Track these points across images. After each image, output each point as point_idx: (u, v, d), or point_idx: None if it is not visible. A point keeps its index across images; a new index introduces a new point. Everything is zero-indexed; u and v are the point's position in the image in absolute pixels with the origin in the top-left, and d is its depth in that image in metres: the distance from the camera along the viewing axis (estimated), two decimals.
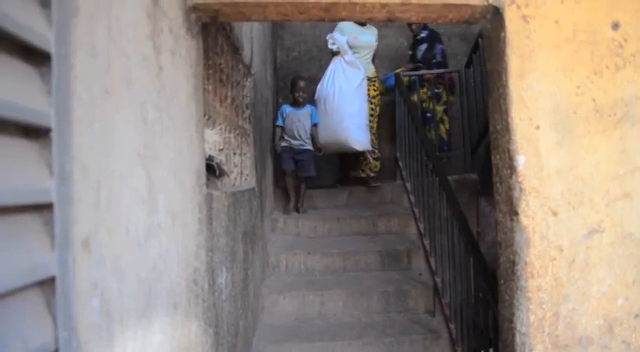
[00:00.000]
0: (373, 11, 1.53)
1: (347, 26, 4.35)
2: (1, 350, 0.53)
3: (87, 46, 0.76)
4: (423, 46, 4.86)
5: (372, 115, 4.51)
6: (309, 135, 4.32)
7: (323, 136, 4.26)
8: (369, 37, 4.53)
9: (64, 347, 0.65)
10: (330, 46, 4.31)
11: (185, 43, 1.35)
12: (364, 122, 4.28)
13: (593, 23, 1.49)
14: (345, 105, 4.18)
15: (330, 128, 4.22)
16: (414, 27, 4.87)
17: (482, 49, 3.40)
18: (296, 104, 4.32)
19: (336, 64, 4.30)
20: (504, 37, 1.49)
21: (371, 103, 4.50)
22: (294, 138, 4.26)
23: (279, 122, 4.28)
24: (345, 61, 4.26)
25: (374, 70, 4.66)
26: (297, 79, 4.41)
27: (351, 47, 4.29)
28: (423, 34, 4.88)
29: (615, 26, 1.49)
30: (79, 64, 0.73)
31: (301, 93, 4.28)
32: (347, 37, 4.30)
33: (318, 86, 4.41)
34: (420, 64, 4.81)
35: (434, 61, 4.81)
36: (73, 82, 0.71)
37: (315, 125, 4.33)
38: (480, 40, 3.98)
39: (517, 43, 1.48)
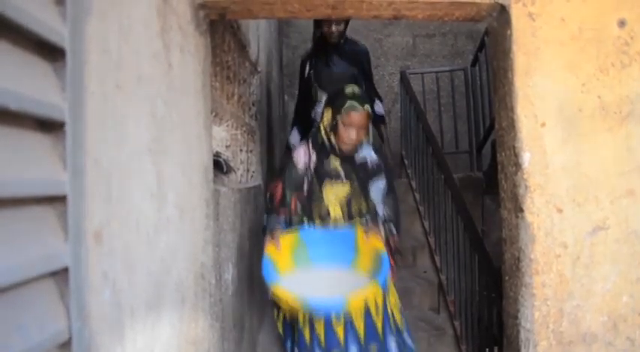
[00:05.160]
0: (380, 9, 1.54)
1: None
2: (20, 336, 0.55)
3: (100, 43, 0.78)
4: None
5: None
6: None
7: None
8: None
9: (77, 337, 0.67)
10: None
11: (193, 40, 1.36)
12: None
13: (600, 21, 1.50)
14: None
15: None
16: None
17: (488, 48, 3.40)
18: None
19: None
20: (510, 35, 1.49)
21: None
22: None
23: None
24: None
25: None
26: None
27: None
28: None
29: (621, 24, 1.50)
30: (91, 60, 0.74)
31: None
32: None
33: None
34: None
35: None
36: (86, 78, 0.72)
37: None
38: (485, 38, 3.97)
39: (523, 41, 1.49)
